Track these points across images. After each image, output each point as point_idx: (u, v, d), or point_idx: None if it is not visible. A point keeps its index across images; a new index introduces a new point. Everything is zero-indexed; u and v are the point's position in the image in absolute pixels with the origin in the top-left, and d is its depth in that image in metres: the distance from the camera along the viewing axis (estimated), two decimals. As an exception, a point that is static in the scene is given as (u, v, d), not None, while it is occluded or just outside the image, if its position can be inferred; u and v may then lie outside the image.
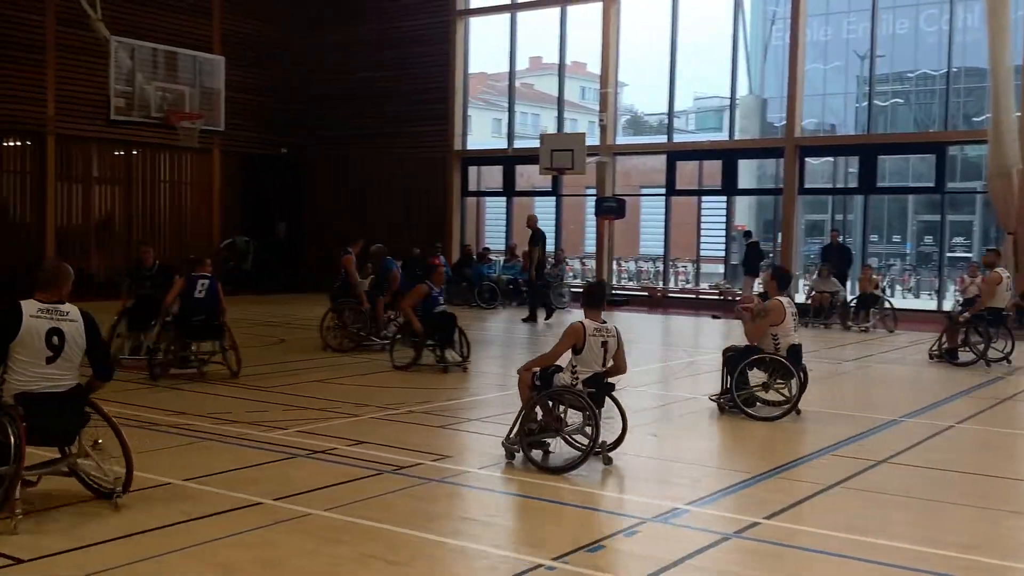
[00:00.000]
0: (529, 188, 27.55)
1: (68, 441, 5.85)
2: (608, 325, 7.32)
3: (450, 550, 5.28)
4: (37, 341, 5.61)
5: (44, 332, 5.63)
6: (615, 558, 5.20)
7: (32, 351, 5.61)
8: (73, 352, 5.76)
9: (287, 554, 5.05)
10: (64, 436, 5.84)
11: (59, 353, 5.68)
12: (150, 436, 7.82)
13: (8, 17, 20.61)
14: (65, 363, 5.73)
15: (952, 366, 12.93)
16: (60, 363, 5.69)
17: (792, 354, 9.09)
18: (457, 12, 24.85)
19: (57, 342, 5.67)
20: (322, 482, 6.44)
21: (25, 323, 5.60)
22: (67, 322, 5.73)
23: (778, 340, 9.08)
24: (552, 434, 7.13)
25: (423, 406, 9.37)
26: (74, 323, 5.77)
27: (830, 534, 5.58)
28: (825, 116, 35.26)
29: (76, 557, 4.90)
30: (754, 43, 36.62)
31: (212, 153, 24.48)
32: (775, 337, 9.07)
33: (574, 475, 6.80)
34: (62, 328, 5.70)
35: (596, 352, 7.17)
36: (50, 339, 5.65)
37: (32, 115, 21.24)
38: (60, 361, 5.69)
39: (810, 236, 29.90)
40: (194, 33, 23.30)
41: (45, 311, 5.69)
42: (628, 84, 30.60)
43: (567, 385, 7.13)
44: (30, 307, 5.68)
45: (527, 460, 6.97)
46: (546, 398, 7.12)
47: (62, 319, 5.72)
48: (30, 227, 21.69)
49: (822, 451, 7.85)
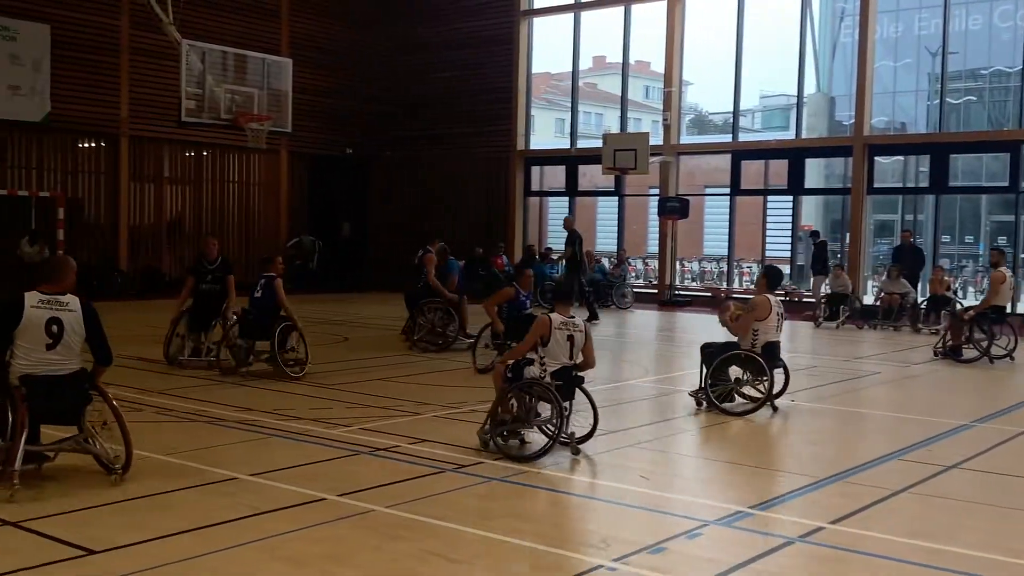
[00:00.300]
0: (592, 188, 27.48)
1: (72, 420, 6.32)
2: (576, 320, 7.55)
3: (510, 548, 5.29)
4: (37, 329, 6.10)
5: (44, 321, 6.12)
6: (677, 561, 5.16)
7: (33, 338, 6.10)
8: (72, 339, 6.22)
9: (351, 549, 5.12)
10: (66, 415, 6.33)
11: (58, 340, 6.15)
12: (217, 432, 7.99)
13: (84, 21, 21.21)
14: (64, 349, 6.20)
15: (957, 363, 13.16)
16: (60, 349, 6.17)
17: (768, 351, 9.26)
18: (521, 12, 24.89)
19: (56, 330, 6.15)
20: (384, 479, 6.51)
21: (26, 312, 6.09)
22: (66, 312, 6.20)
23: (757, 336, 9.28)
24: (523, 424, 7.41)
25: (485, 405, 9.39)
26: (73, 313, 6.22)
27: (897, 540, 5.48)
28: (895, 114, 34.54)
29: (149, 548, 5.03)
30: (822, 40, 36.02)
31: (279, 154, 24.89)
32: (755, 333, 9.29)
33: (634, 478, 6.77)
34: (61, 317, 6.17)
35: (562, 345, 7.43)
36: (49, 327, 6.13)
37: (107, 117, 21.84)
38: (59, 347, 6.17)
39: (879, 236, 29.33)
40: (263, 36, 23.73)
41: (45, 302, 6.16)
42: (693, 83, 30.36)
43: (536, 377, 7.38)
44: (32, 298, 6.16)
45: (498, 449, 7.26)
46: (517, 390, 7.40)
47: (61, 309, 6.19)
48: (104, 226, 22.29)
49: (890, 456, 7.70)
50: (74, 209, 21.29)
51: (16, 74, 20.09)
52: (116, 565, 4.77)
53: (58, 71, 20.65)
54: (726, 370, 9.35)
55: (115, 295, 21.02)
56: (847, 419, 9.65)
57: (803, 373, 12.53)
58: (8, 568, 4.67)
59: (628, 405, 10.01)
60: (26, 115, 20.35)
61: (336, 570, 4.82)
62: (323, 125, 25.20)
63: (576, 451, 7.35)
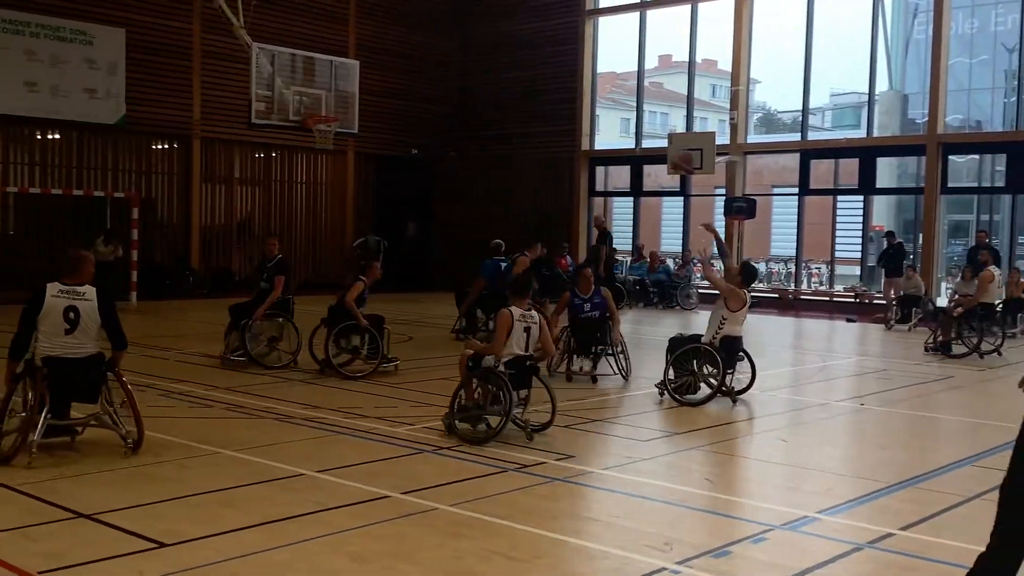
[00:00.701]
0: (656, 188, 27.29)
1: (90, 398, 7.00)
2: (532, 313, 8.03)
3: (572, 549, 5.28)
4: (56, 316, 6.82)
5: (62, 308, 6.85)
6: (741, 565, 5.10)
7: (52, 323, 6.82)
8: (88, 326, 6.93)
9: (413, 546, 5.15)
10: (83, 394, 7.01)
11: (75, 326, 6.88)
12: (285, 428, 8.12)
13: (158, 25, 21.71)
14: (81, 334, 6.91)
15: (948, 358, 13.80)
16: (77, 334, 6.88)
17: (728, 345, 9.60)
18: (586, 12, 24.83)
19: (73, 317, 6.87)
20: (447, 478, 6.55)
21: (47, 302, 6.83)
22: (83, 301, 6.92)
23: (723, 328, 9.61)
24: (484, 411, 7.82)
25: (547, 406, 9.40)
26: (89, 302, 6.94)
27: (970, 547, 5.31)
28: (971, 112, 33.68)
29: (217, 542, 5.13)
30: (895, 37, 35.27)
31: (346, 155, 25.20)
32: (721, 324, 9.63)
33: (698, 480, 6.70)
34: (78, 306, 6.89)
35: (519, 336, 7.91)
36: (67, 315, 6.86)
37: (179, 119, 22.32)
38: (76, 333, 6.88)
39: (953, 237, 28.63)
40: (330, 38, 24.04)
41: (64, 292, 6.90)
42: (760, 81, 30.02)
43: (491, 366, 7.83)
44: (52, 289, 6.90)
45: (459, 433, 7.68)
46: (476, 377, 7.87)
47: (78, 298, 6.92)
48: (177, 226, 22.79)
49: (963, 461, 7.51)
50: (148, 209, 21.81)
51: (92, 78, 20.65)
52: (185, 558, 4.87)
53: (132, 74, 21.17)
54: (689, 363, 9.70)
55: (187, 294, 21.50)
56: (918, 423, 9.44)
57: (873, 376, 12.29)
58: (84, 559, 4.80)
59: (691, 407, 9.91)
60: (102, 118, 20.90)
61: (398, 567, 4.85)
62: (389, 126, 25.44)
63: (530, 437, 7.71)
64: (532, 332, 7.97)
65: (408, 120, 26.06)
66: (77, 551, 4.91)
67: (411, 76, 26.14)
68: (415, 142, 26.40)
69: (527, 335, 7.94)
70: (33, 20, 19.88)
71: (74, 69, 20.37)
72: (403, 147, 26.17)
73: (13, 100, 19.72)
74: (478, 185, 26.24)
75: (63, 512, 5.58)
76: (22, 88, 19.80)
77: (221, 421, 8.38)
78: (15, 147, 20.47)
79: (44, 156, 20.86)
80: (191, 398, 9.35)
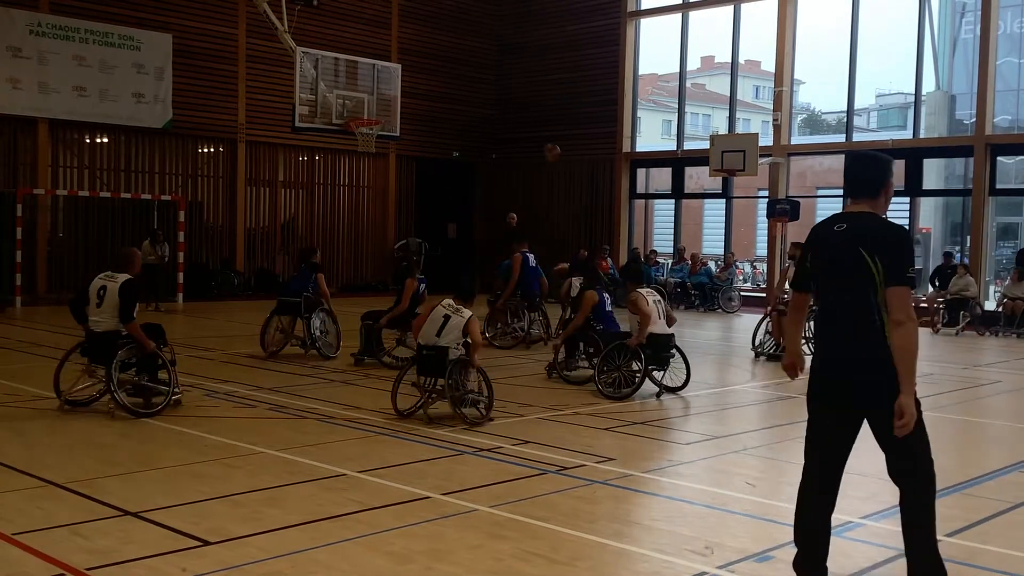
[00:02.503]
0: (698, 190, 27.12)
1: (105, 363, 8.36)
2: (462, 309, 8.55)
3: (612, 552, 5.27)
4: (92, 293, 8.54)
5: (97, 288, 8.53)
6: (784, 570, 5.05)
7: (90, 299, 8.54)
8: (109, 304, 8.42)
9: (453, 547, 5.18)
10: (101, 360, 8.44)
11: (101, 303, 8.46)
12: (327, 428, 8.19)
13: (204, 31, 22.02)
14: (103, 311, 8.44)
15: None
16: (102, 309, 8.45)
17: (653, 342, 9.91)
18: (628, 13, 24.76)
19: (102, 295, 8.46)
20: (487, 479, 6.57)
21: (92, 281, 8.64)
22: (111, 283, 8.49)
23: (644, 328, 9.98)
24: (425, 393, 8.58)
25: (588, 408, 9.41)
26: (115, 284, 8.45)
27: (1017, 555, 5.25)
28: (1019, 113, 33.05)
29: (259, 541, 5.19)
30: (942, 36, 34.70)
31: (388, 157, 25.36)
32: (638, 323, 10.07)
33: (739, 484, 6.66)
34: (107, 286, 8.48)
35: (436, 321, 8.55)
36: (99, 292, 8.50)
37: (225, 123, 22.62)
38: (102, 307, 8.44)
39: (1002, 239, 28.12)
40: (373, 42, 24.23)
41: (104, 276, 8.62)
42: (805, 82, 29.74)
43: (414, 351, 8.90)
44: (99, 275, 8.68)
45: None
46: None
47: (110, 280, 8.52)
48: (223, 228, 23.07)
49: (1011, 467, 7.39)
50: (194, 212, 22.12)
51: (140, 82, 21.00)
52: (229, 556, 4.94)
53: (179, 79, 21.48)
54: (617, 358, 10.03)
55: (232, 295, 21.76)
56: (966, 429, 9.29)
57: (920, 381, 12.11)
58: (131, 556, 4.89)
59: (734, 410, 9.86)
60: (149, 121, 21.24)
61: (438, 567, 4.88)
62: (430, 129, 25.57)
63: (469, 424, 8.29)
64: (452, 321, 8.50)
65: (449, 123, 26.18)
66: (124, 548, 5.00)
67: (452, 79, 26.25)
68: (456, 145, 26.51)
69: (444, 320, 8.52)
70: (83, 26, 20.27)
71: (122, 74, 20.73)
72: (444, 150, 26.29)
73: (63, 104, 20.12)
74: (518, 187, 26.26)
75: (111, 510, 5.68)
76: (72, 93, 20.20)
77: (265, 421, 8.48)
78: (65, 150, 20.86)
79: (93, 159, 21.24)
80: (235, 398, 9.47)
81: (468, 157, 26.84)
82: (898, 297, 4.16)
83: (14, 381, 10.11)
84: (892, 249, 4.20)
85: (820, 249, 4.45)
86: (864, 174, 4.44)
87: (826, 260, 4.40)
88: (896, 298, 4.16)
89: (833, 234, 4.37)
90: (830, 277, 4.39)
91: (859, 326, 4.26)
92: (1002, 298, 17.82)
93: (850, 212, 4.44)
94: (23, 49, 19.59)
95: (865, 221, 4.32)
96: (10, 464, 6.68)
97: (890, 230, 4.28)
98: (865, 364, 4.25)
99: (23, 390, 9.63)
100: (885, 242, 4.22)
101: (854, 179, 4.46)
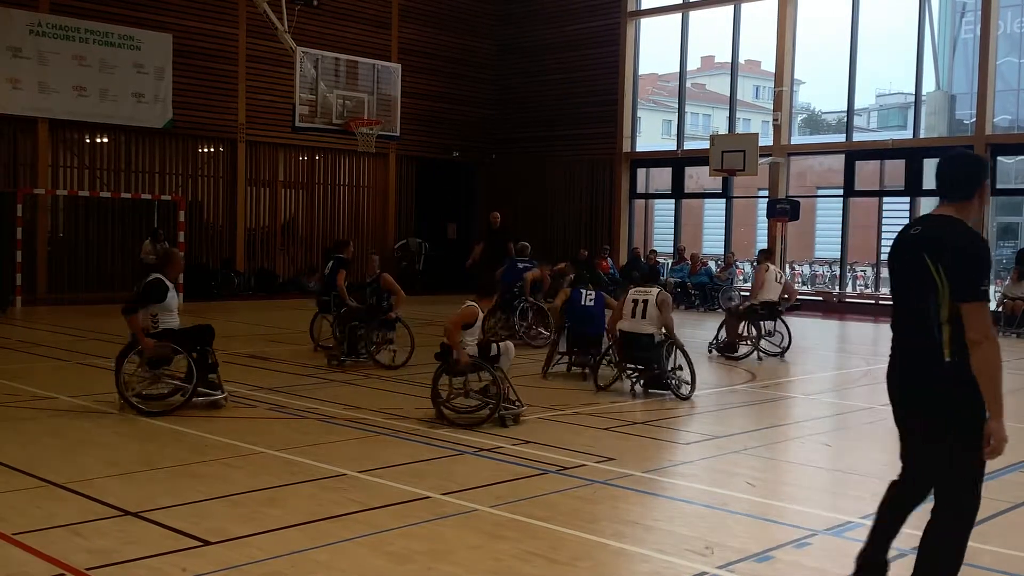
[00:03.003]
0: (698, 190, 27.13)
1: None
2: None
3: (612, 552, 5.28)
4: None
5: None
6: (784, 570, 5.06)
7: None
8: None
9: (453, 547, 5.18)
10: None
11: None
12: (328, 429, 8.19)
13: (204, 31, 22.03)
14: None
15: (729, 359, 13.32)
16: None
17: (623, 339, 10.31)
18: (628, 13, 24.76)
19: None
20: (488, 479, 6.56)
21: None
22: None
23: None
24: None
25: (588, 408, 9.41)
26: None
27: (1015, 555, 5.26)
28: (1019, 113, 33.09)
29: (259, 541, 5.19)
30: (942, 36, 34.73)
31: (388, 157, 25.36)
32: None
33: (740, 484, 6.66)
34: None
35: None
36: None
37: (225, 122, 22.62)
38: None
39: (1002, 239, 28.15)
40: (373, 42, 24.24)
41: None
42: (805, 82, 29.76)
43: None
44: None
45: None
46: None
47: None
48: (223, 228, 23.08)
49: (1010, 467, 7.38)
50: (194, 212, 22.12)
51: (140, 82, 21.00)
52: (229, 556, 4.94)
53: (179, 79, 21.49)
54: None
55: (232, 295, 21.76)
56: (965, 429, 9.27)
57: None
58: (131, 556, 4.89)
59: (734, 410, 9.86)
60: (149, 121, 21.24)
61: (438, 567, 4.88)
62: (430, 129, 25.58)
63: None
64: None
65: (449, 123, 26.19)
66: (124, 548, 5.00)
67: (452, 79, 26.26)
68: (456, 145, 26.51)
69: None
70: (83, 26, 20.27)
71: (122, 74, 20.73)
72: (444, 150, 26.30)
73: (63, 104, 20.12)
74: (518, 187, 26.26)
75: (111, 510, 5.68)
76: (72, 92, 20.20)
77: (265, 421, 8.48)
78: (65, 150, 20.87)
79: (93, 159, 21.25)
80: (235, 398, 9.47)
81: (468, 157, 26.85)
82: (971, 315, 3.82)
83: (14, 381, 10.11)
84: (956, 258, 3.86)
85: (893, 251, 4.23)
86: (955, 174, 4.12)
87: (895, 264, 4.18)
88: (970, 316, 3.82)
89: (908, 237, 4.13)
90: (897, 281, 4.19)
91: (917, 334, 4.04)
92: (1002, 298, 17.81)
93: (930, 215, 4.18)
94: (23, 49, 19.59)
95: (940, 225, 4.02)
96: (10, 464, 6.68)
97: (961, 238, 3.92)
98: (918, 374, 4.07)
99: (23, 390, 9.64)
100: (951, 250, 3.89)
101: (943, 179, 4.13)
